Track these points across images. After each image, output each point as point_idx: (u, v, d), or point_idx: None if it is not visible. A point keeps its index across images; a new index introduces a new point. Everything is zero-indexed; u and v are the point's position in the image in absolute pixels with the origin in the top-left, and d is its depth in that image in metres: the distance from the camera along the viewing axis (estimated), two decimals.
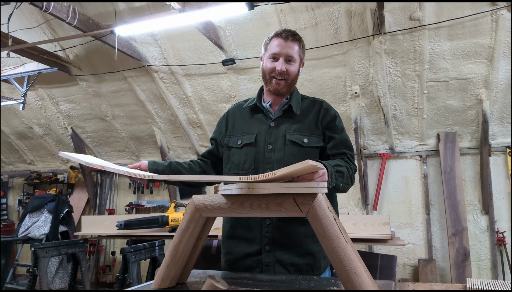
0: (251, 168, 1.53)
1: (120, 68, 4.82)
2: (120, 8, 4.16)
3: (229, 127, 1.67)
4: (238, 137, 1.60)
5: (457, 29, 3.69)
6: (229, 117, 1.70)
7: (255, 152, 1.54)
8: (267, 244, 1.46)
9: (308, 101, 1.64)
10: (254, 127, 1.59)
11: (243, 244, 1.50)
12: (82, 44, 4.62)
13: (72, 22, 3.62)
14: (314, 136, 1.54)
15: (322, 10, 3.80)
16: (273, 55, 1.55)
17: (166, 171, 1.62)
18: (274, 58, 1.55)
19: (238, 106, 1.72)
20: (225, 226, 1.59)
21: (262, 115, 1.62)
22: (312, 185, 1.01)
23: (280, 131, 1.55)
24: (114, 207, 6.22)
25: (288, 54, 1.54)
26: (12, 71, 4.99)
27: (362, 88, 4.36)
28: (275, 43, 1.56)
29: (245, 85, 4.68)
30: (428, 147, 4.75)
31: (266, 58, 1.59)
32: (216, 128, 1.75)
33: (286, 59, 1.54)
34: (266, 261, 1.45)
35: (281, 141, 1.53)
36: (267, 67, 1.58)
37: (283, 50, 1.54)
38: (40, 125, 6.14)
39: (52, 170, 6.70)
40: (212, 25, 4.06)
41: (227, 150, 1.63)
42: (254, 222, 1.49)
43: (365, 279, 0.96)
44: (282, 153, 1.51)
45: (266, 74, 1.59)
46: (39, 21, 4.45)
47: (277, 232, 1.46)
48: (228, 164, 1.61)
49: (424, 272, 4.44)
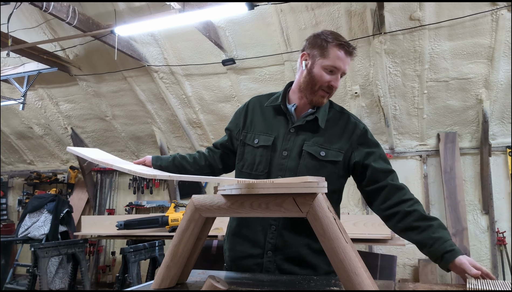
0: (264, 171, 1.46)
1: (120, 68, 4.82)
2: (120, 8, 4.16)
3: (248, 122, 1.56)
4: (256, 136, 1.51)
5: (457, 29, 3.69)
6: (248, 111, 1.59)
7: (270, 156, 1.46)
8: (270, 250, 1.43)
9: (334, 111, 1.52)
10: (274, 130, 1.50)
11: (246, 244, 1.47)
12: (82, 44, 4.62)
13: (72, 22, 3.62)
14: (333, 150, 1.44)
15: (322, 10, 3.79)
16: (333, 68, 1.40)
17: (169, 166, 1.59)
18: (332, 71, 1.41)
19: (259, 101, 1.59)
20: (232, 222, 1.55)
21: (283, 118, 1.51)
22: (312, 185, 1.01)
23: (298, 140, 1.45)
24: (114, 207, 6.22)
25: (346, 71, 1.42)
26: (12, 71, 4.99)
27: (362, 88, 4.35)
28: (337, 54, 1.39)
29: (245, 85, 4.68)
30: (428, 147, 4.75)
31: (320, 66, 1.41)
32: (233, 119, 1.64)
33: (341, 75, 1.43)
34: (267, 266, 1.43)
35: (297, 150, 1.44)
36: (320, 78, 1.41)
37: (344, 66, 1.40)
38: (40, 125, 6.13)
39: (52, 170, 6.69)
40: (212, 25, 4.06)
41: (242, 146, 1.55)
42: (260, 225, 1.44)
43: (365, 279, 0.96)
44: (296, 162, 1.43)
45: (316, 84, 1.42)
46: (39, 21, 4.45)
47: (280, 239, 1.42)
48: (242, 161, 1.54)
49: (424, 272, 4.44)
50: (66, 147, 1.72)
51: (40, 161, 6.79)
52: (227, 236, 1.57)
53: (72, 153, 1.42)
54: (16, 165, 7.02)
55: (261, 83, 4.55)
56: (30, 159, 6.81)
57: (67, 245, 3.76)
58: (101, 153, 1.49)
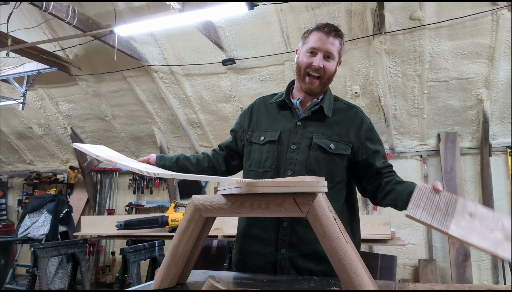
0: (272, 166, 1.45)
1: (119, 68, 4.81)
2: (120, 8, 4.15)
3: (253, 122, 1.57)
4: (261, 134, 1.51)
5: (457, 29, 3.68)
6: (253, 111, 1.60)
7: (277, 151, 1.45)
8: (283, 247, 1.40)
9: (341, 104, 1.53)
10: (279, 125, 1.50)
11: (258, 244, 1.44)
12: (82, 44, 4.62)
13: (71, 22, 3.62)
14: (342, 143, 1.44)
15: (322, 10, 3.79)
16: (312, 49, 1.43)
17: (173, 166, 1.59)
18: (312, 53, 1.44)
19: (263, 100, 1.61)
20: (240, 224, 1.53)
21: (289, 113, 1.51)
22: (312, 184, 1.00)
23: (307, 132, 1.45)
24: (114, 207, 6.21)
25: (328, 50, 1.43)
26: (12, 71, 4.98)
27: (362, 88, 4.35)
28: (315, 37, 1.44)
29: (245, 85, 4.67)
30: (428, 147, 4.74)
31: (303, 52, 1.47)
32: (238, 120, 1.65)
33: (324, 56, 1.43)
34: (281, 264, 1.40)
35: (306, 143, 1.44)
36: (303, 62, 1.46)
37: (323, 46, 1.42)
38: (39, 125, 6.13)
39: (51, 170, 6.69)
40: (212, 25, 4.06)
41: (249, 145, 1.55)
42: (271, 223, 1.42)
43: (365, 279, 0.96)
44: (306, 155, 1.43)
45: (301, 69, 1.46)
46: (38, 21, 4.44)
47: (294, 236, 1.39)
48: (249, 160, 1.53)
49: (425, 273, 4.44)
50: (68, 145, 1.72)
51: (39, 161, 6.79)
52: (236, 239, 1.55)
53: (78, 149, 1.42)
54: (16, 165, 7.02)
55: (261, 83, 4.55)
56: (29, 159, 6.81)
57: (67, 245, 3.75)
58: (107, 150, 1.49)
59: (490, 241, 1.09)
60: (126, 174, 6.24)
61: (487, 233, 1.11)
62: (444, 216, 1.15)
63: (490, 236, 1.10)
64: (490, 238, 1.10)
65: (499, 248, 1.08)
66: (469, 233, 1.11)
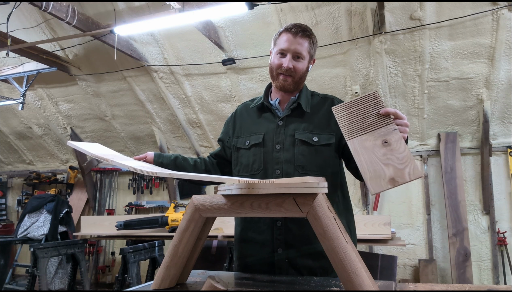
0: (260, 168, 1.48)
1: (119, 68, 4.81)
2: (120, 8, 4.15)
3: (237, 128, 1.62)
4: (246, 138, 1.56)
5: (457, 28, 3.68)
6: (236, 118, 1.65)
7: (263, 152, 1.49)
8: (280, 247, 1.41)
9: (318, 98, 1.58)
10: (262, 127, 1.54)
11: (255, 247, 1.46)
12: (82, 44, 4.62)
13: (71, 22, 3.62)
14: (324, 134, 1.48)
15: (322, 9, 3.79)
16: (281, 51, 1.49)
17: (170, 165, 1.60)
18: (282, 54, 1.49)
19: (245, 106, 1.67)
20: (236, 229, 1.55)
21: (270, 114, 1.56)
22: (312, 185, 1.00)
23: (289, 131, 1.49)
24: (114, 207, 6.21)
25: (296, 51, 1.47)
26: (11, 71, 4.98)
27: (363, 88, 4.35)
28: (283, 38, 1.49)
29: (245, 85, 4.67)
30: (428, 146, 4.74)
31: (274, 54, 1.52)
32: (223, 129, 1.70)
33: (294, 56, 1.48)
34: (279, 264, 1.41)
35: (290, 140, 1.47)
36: (274, 63, 1.51)
37: (291, 46, 1.47)
38: (39, 125, 6.13)
39: (51, 170, 6.69)
40: (212, 25, 4.05)
41: (236, 151, 1.59)
42: (265, 224, 1.44)
43: (366, 279, 0.96)
44: (291, 152, 1.46)
45: (273, 70, 1.52)
46: (38, 21, 4.44)
47: (289, 234, 1.41)
48: (237, 165, 1.57)
49: (425, 273, 4.43)
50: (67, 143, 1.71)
51: (39, 161, 6.78)
52: (235, 244, 1.57)
53: (72, 147, 1.41)
54: (16, 165, 7.01)
55: (261, 83, 4.54)
56: (29, 159, 6.80)
57: (67, 245, 3.75)
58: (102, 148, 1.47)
59: (373, 170, 1.07)
60: (126, 174, 6.24)
61: (380, 163, 1.08)
62: (361, 129, 1.14)
63: (378, 167, 1.08)
64: (376, 168, 1.07)
65: (371, 182, 1.06)
66: (364, 153, 1.10)
